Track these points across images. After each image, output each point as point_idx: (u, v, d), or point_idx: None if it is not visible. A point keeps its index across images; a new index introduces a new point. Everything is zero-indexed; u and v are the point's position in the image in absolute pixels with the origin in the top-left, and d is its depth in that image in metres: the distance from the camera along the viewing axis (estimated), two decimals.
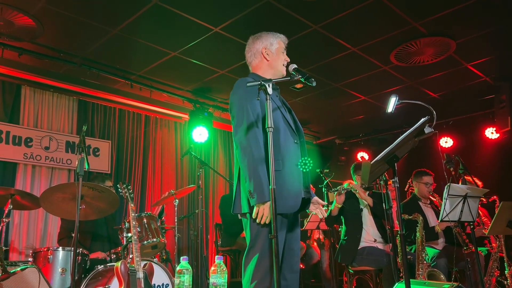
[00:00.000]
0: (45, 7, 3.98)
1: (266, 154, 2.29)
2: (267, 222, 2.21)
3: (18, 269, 2.77)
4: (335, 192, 4.22)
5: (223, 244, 5.53)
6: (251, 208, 2.30)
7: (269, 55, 2.61)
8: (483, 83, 5.89)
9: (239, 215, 2.43)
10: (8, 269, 2.49)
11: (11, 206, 3.70)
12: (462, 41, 4.75)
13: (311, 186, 2.65)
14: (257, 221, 2.23)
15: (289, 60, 2.65)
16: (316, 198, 2.61)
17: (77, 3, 3.96)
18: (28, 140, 5.24)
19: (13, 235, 4.93)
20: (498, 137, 6.67)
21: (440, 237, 4.43)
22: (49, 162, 5.36)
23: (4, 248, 2.69)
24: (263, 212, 2.21)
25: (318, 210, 2.59)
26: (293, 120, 2.58)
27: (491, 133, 6.72)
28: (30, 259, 3.54)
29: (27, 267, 2.91)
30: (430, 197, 4.63)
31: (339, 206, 4.26)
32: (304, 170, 2.39)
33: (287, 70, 2.60)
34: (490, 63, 5.34)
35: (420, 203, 4.57)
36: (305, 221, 5.07)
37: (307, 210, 2.60)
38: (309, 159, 2.39)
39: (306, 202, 2.53)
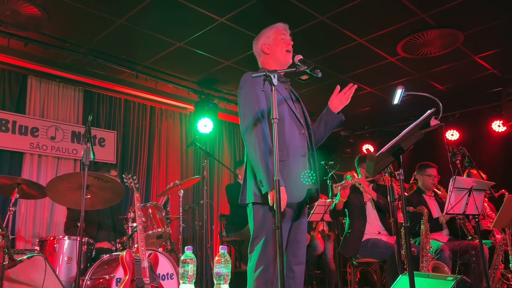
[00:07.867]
0: None
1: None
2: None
3: (25, 257, 2.79)
4: (340, 187, 4.21)
5: (228, 231, 5.55)
6: (255, 198, 2.33)
7: (269, 48, 2.62)
8: (490, 76, 5.83)
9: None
10: (15, 257, 2.51)
11: (18, 195, 3.74)
12: (470, 33, 4.70)
13: None
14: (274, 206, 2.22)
15: (291, 43, 2.63)
16: None
17: None
18: (34, 130, 5.26)
19: (20, 224, 4.98)
20: (505, 130, 6.63)
21: (444, 228, 4.45)
22: (55, 152, 5.39)
23: (11, 236, 2.71)
24: (273, 199, 2.21)
25: None
26: (302, 111, 2.59)
27: (498, 126, 6.68)
28: (36, 247, 3.56)
29: (33, 256, 2.93)
30: (434, 189, 4.66)
31: (344, 200, 4.26)
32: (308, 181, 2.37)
33: (293, 61, 2.58)
34: (498, 56, 5.28)
35: (424, 195, 4.60)
36: (310, 212, 5.07)
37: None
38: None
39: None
